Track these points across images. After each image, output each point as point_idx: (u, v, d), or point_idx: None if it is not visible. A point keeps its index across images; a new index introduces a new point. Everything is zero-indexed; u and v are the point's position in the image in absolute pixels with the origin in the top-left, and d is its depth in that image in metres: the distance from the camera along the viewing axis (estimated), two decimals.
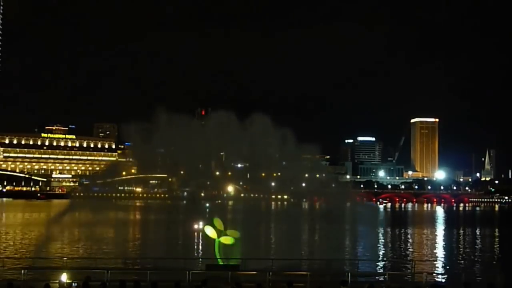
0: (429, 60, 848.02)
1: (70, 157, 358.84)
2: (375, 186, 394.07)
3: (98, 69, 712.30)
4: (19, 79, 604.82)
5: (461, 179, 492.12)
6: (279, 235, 48.72)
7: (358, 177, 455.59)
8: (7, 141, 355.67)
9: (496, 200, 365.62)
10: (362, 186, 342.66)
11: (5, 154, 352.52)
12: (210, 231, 35.59)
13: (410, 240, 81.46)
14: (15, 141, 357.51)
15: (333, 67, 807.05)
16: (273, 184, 44.66)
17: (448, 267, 50.21)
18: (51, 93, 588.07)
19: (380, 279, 33.20)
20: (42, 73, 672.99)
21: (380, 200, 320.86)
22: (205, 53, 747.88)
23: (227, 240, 35.69)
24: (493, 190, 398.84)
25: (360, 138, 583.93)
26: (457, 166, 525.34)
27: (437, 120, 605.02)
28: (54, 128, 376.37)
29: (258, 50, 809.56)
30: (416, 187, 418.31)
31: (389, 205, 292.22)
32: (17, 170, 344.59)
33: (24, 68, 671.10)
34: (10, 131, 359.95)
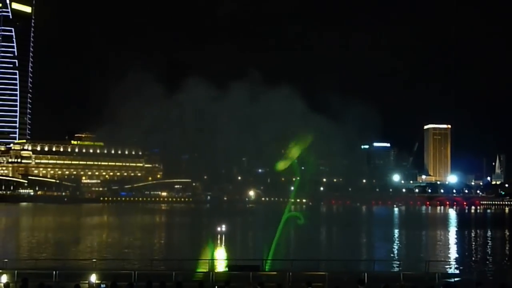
0: (440, 70, 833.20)
1: (99, 163, 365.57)
2: (390, 189, 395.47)
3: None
4: (50, 90, 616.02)
5: (473, 183, 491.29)
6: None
7: (374, 181, 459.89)
8: (38, 148, 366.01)
9: (506, 202, 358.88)
10: (377, 190, 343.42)
11: (37, 161, 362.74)
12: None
13: (424, 241, 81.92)
14: (46, 148, 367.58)
15: (347, 76, 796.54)
16: (292, 188, 45.59)
17: (460, 267, 50.69)
18: (80, 102, 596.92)
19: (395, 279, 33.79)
20: (72, 83, 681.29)
21: (396, 203, 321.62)
22: None
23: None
24: (503, 193, 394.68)
25: (375, 144, 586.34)
26: (469, 170, 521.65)
27: (449, 126, 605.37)
28: (83, 135, 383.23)
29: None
30: (430, 190, 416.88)
31: (404, 207, 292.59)
32: (48, 176, 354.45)
33: (55, 78, 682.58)
34: (42, 139, 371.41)
